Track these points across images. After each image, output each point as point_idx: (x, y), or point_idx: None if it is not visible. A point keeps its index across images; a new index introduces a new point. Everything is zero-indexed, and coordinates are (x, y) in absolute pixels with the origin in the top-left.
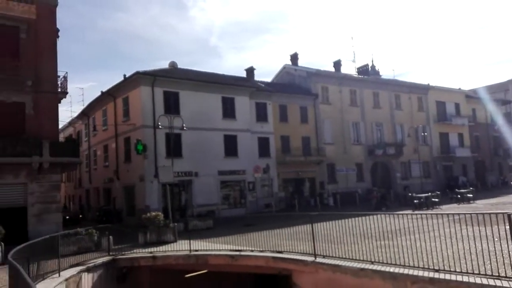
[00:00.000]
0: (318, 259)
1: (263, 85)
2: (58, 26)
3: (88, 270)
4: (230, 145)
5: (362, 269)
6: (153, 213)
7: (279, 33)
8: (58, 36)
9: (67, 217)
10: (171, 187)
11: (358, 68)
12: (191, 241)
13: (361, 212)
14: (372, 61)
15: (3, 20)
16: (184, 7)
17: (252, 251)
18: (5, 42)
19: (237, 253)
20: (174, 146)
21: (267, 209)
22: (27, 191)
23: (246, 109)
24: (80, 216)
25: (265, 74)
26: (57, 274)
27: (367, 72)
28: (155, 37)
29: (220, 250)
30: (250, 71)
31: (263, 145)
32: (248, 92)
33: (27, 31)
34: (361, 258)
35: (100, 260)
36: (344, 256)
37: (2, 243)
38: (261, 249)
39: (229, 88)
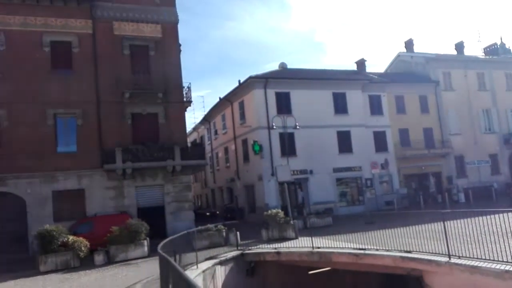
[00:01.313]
0: (453, 260)
1: (375, 76)
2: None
3: (220, 263)
4: (344, 141)
5: (507, 271)
6: (274, 211)
7: (388, 21)
8: (180, 50)
9: (207, 214)
10: (288, 185)
11: (484, 49)
12: (313, 238)
13: (500, 209)
14: (501, 39)
15: (136, 41)
16: (288, 8)
17: (377, 250)
18: (139, 60)
19: (361, 251)
20: (288, 145)
21: (388, 206)
22: (163, 192)
23: (358, 103)
24: (217, 212)
25: (377, 65)
26: (195, 266)
27: (496, 52)
28: (263, 41)
29: (343, 248)
30: (361, 63)
31: (380, 140)
32: (360, 85)
33: (155, 48)
34: (505, 260)
35: (230, 254)
36: (483, 257)
37: (147, 238)
38: (386, 248)
39: (339, 83)
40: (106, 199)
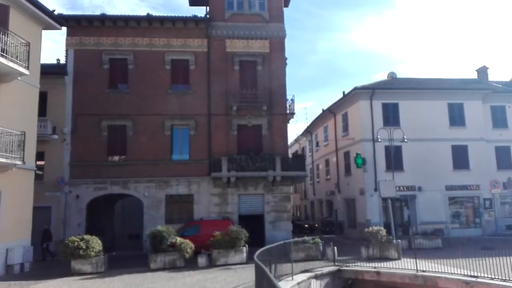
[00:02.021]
0: None
1: (499, 85)
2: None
3: (316, 277)
4: (459, 157)
5: None
6: (375, 228)
7: None
8: (286, 64)
9: (306, 226)
10: (392, 202)
11: None
12: (417, 260)
13: None
14: None
15: (245, 57)
16: (399, 15)
17: (491, 278)
18: (247, 75)
19: (473, 279)
20: (394, 159)
21: (509, 231)
22: (264, 201)
23: (478, 115)
24: (316, 225)
25: (502, 73)
26: (291, 278)
27: None
28: (372, 50)
29: (451, 273)
30: (482, 71)
31: (503, 156)
32: (480, 96)
33: (262, 63)
34: None
35: (326, 269)
36: None
37: (246, 245)
38: (504, 278)
39: (456, 92)
40: (211, 205)
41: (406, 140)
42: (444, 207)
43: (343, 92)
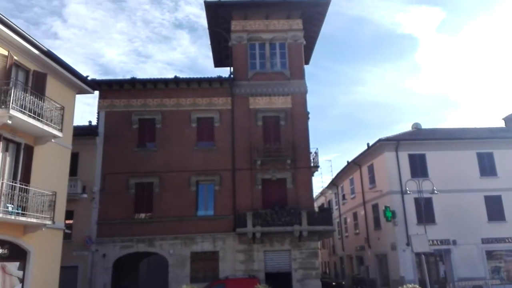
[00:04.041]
0: None
1: None
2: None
3: None
4: (494, 208)
5: None
6: (410, 286)
7: None
8: (308, 118)
9: (333, 283)
10: (426, 257)
11: None
12: None
13: None
14: None
15: (268, 113)
16: (419, 68)
17: None
18: (270, 130)
19: None
20: (425, 211)
21: None
22: (290, 257)
23: (510, 164)
24: (343, 283)
25: None
26: None
27: None
28: (393, 102)
29: None
30: (510, 119)
31: None
32: (510, 144)
33: (285, 118)
34: None
35: None
36: None
37: None
38: None
39: (484, 142)
40: (236, 262)
41: (436, 191)
42: (482, 261)
43: (367, 143)
